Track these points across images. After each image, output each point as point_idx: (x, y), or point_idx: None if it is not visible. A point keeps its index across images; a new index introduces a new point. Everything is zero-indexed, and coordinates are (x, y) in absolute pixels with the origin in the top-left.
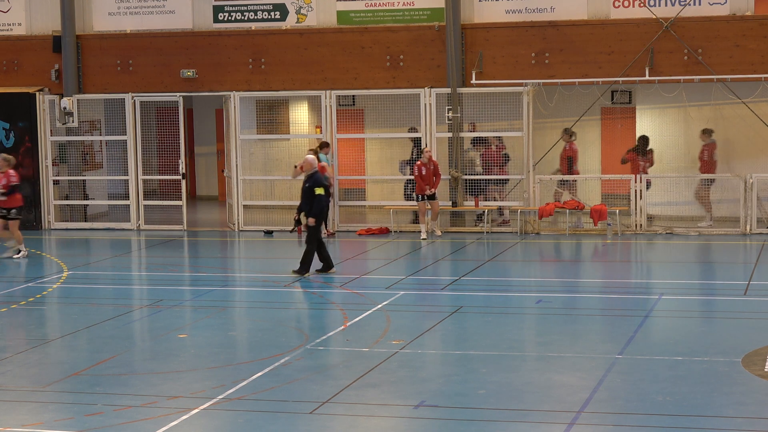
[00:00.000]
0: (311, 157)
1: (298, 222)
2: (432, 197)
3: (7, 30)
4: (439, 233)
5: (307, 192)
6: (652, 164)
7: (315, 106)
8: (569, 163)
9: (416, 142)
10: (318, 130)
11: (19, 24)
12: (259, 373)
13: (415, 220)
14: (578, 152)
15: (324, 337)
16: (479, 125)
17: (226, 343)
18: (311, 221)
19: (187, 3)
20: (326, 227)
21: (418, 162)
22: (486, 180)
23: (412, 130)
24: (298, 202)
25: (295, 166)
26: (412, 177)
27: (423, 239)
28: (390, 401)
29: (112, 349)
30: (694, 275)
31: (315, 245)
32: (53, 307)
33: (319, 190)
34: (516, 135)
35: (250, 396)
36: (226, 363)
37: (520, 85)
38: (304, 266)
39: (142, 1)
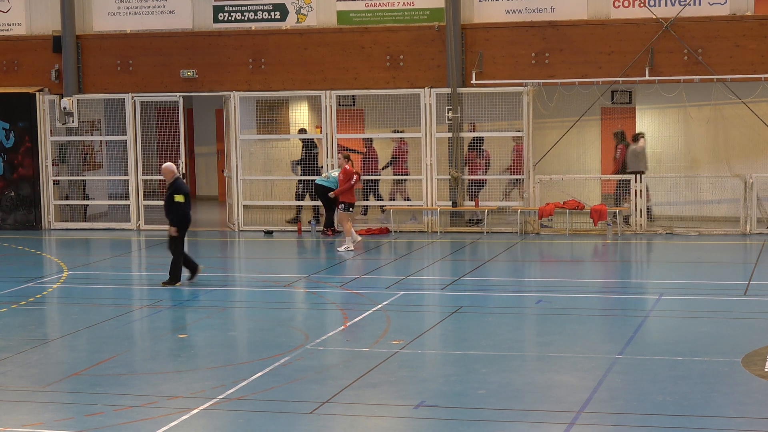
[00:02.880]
0: (170, 164)
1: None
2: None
3: (7, 30)
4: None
5: (168, 200)
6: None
7: (315, 106)
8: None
9: (305, 142)
10: (318, 130)
11: (19, 24)
12: (259, 373)
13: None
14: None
15: (324, 337)
16: (479, 125)
17: (226, 343)
18: (173, 230)
19: (187, 3)
20: (331, 228)
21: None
22: (488, 180)
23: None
24: (298, 203)
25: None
26: (304, 178)
27: (351, 250)
28: (390, 401)
29: (112, 349)
30: (694, 275)
31: (182, 254)
32: (53, 307)
33: (179, 198)
34: (516, 135)
35: (250, 396)
36: (226, 363)
37: (520, 85)
38: (174, 276)
39: (142, 1)
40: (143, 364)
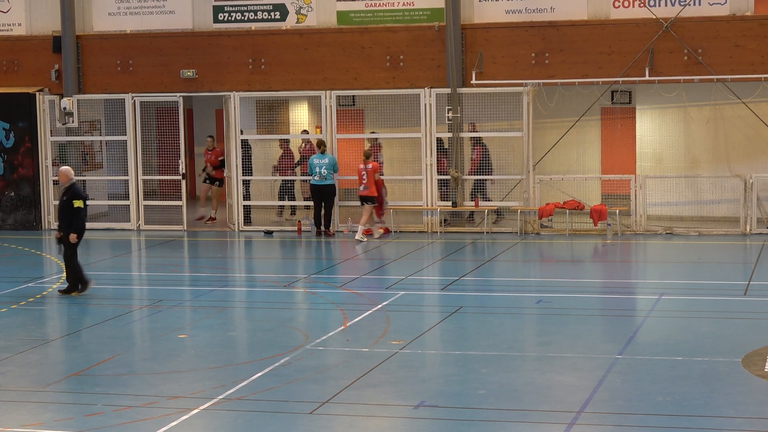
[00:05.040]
0: (66, 168)
1: (61, 241)
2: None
3: (7, 30)
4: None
5: (65, 205)
6: None
7: (315, 106)
8: None
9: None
10: (318, 130)
11: (19, 24)
12: (259, 374)
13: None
14: None
15: (324, 338)
16: (479, 125)
17: (226, 343)
18: (73, 237)
19: (187, 3)
20: (328, 227)
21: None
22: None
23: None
24: (298, 202)
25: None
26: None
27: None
28: (390, 401)
29: (112, 349)
30: (694, 275)
31: (76, 260)
32: (53, 307)
33: (78, 203)
34: (516, 135)
35: (250, 396)
36: (226, 363)
37: (520, 85)
38: (82, 283)
39: (142, 1)
40: (143, 364)
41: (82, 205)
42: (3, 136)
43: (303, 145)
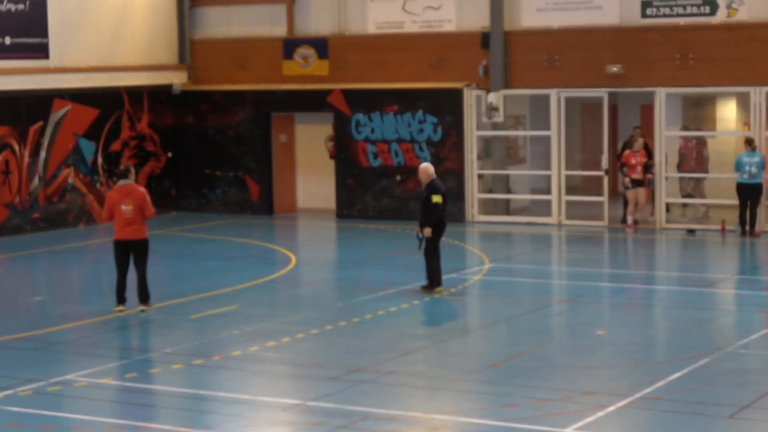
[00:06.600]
0: (426, 164)
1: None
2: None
3: (438, 26)
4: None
5: (425, 201)
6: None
7: (743, 102)
8: None
9: None
10: (746, 127)
11: (450, 20)
12: (677, 374)
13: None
14: None
15: (745, 341)
16: None
17: (644, 342)
18: (427, 231)
19: None
20: (753, 227)
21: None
22: None
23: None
24: (715, 201)
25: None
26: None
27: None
28: None
29: (530, 341)
30: None
31: (435, 258)
32: (474, 298)
33: (437, 198)
34: None
35: (667, 396)
36: (644, 362)
37: None
38: (431, 281)
39: None
40: (560, 358)
41: (440, 201)
42: (431, 130)
43: (682, 142)
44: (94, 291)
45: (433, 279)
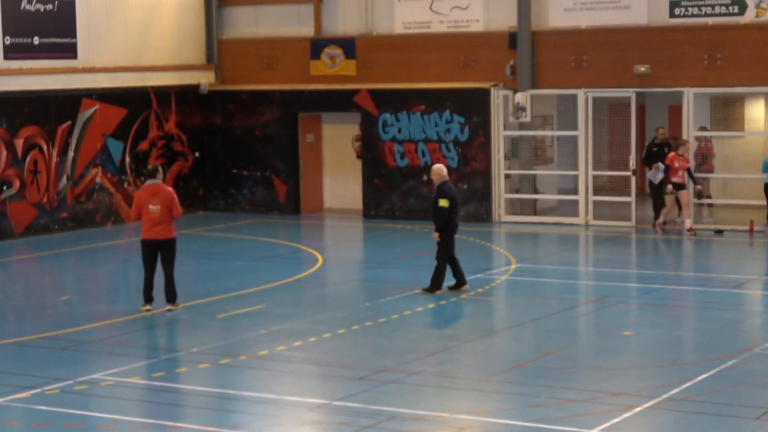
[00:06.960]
0: (439, 166)
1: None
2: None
3: (466, 26)
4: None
5: (432, 204)
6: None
7: None
8: None
9: None
10: None
11: (477, 20)
12: (705, 375)
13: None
14: None
15: None
16: None
17: (671, 342)
18: (435, 236)
19: None
20: None
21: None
22: None
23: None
24: (755, 201)
25: None
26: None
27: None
28: None
29: (557, 342)
30: None
31: (446, 261)
32: (500, 298)
33: (443, 202)
34: None
35: (695, 397)
36: (671, 362)
37: None
38: (435, 284)
39: None
40: (587, 359)
41: (446, 205)
42: (458, 130)
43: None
44: (121, 290)
45: (437, 282)
